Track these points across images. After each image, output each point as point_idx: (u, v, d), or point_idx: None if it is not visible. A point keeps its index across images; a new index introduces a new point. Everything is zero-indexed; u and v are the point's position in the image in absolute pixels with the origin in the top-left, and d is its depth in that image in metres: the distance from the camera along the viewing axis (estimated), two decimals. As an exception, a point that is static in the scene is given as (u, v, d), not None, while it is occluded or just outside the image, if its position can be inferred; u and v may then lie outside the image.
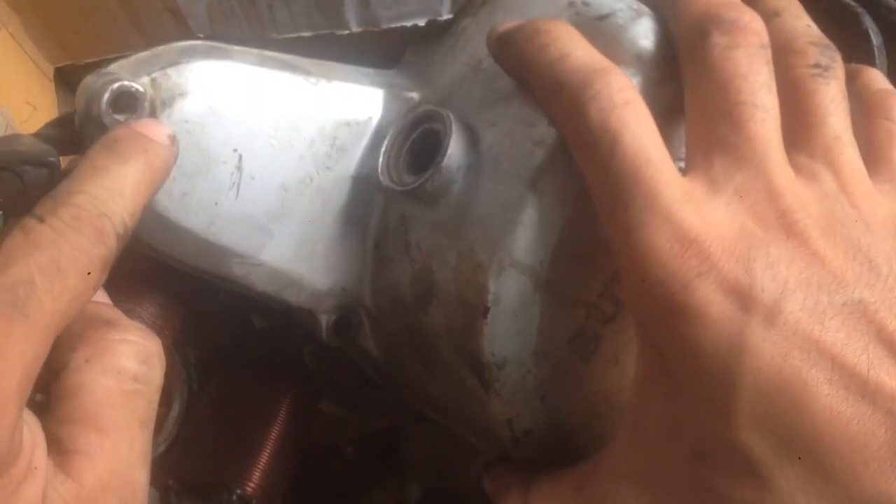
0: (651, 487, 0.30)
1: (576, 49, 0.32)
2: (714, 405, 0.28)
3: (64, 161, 0.32)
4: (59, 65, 0.49)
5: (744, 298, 0.27)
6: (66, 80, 0.50)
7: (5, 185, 0.30)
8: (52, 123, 0.33)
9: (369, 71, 0.41)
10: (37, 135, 0.32)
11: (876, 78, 0.35)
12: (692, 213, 0.29)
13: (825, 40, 0.33)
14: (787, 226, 0.29)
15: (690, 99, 0.32)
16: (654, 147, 0.30)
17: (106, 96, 0.31)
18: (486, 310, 0.33)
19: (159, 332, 0.41)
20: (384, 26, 0.40)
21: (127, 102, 0.32)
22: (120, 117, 0.32)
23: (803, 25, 0.34)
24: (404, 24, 0.40)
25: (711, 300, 0.28)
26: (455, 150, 0.35)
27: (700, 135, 0.31)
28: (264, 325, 0.50)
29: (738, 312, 0.27)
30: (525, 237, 0.33)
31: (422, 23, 0.40)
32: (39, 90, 0.50)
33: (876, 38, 0.39)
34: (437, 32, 0.41)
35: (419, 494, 0.59)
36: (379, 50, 0.42)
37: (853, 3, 0.40)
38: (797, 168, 0.31)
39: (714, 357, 0.27)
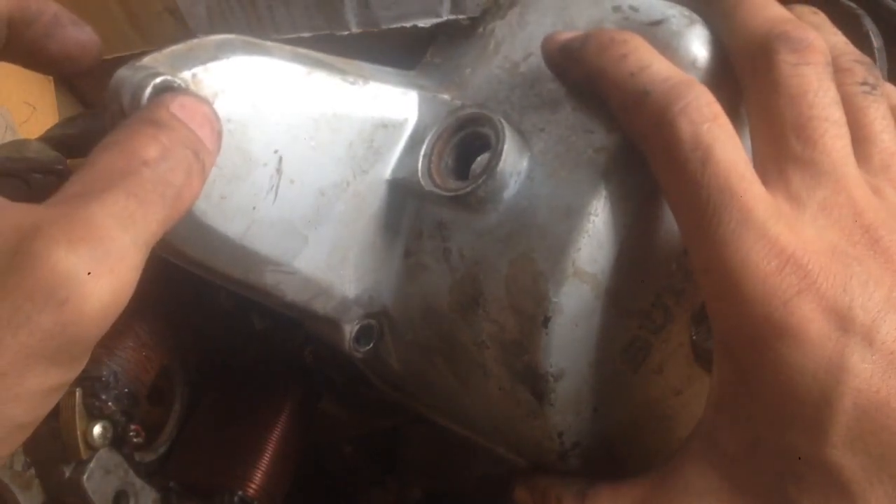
0: None
1: (654, 61, 0.32)
2: (806, 424, 0.28)
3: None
4: (58, 65, 0.49)
5: (843, 318, 0.27)
6: (66, 80, 0.50)
7: (13, 193, 0.30)
8: (60, 124, 0.33)
9: (393, 71, 0.40)
10: (45, 138, 0.32)
11: (891, 93, 0.35)
12: (786, 230, 0.29)
13: (866, 58, 0.33)
14: (872, 242, 0.29)
15: (757, 114, 0.32)
16: (744, 162, 0.30)
17: (148, 91, 0.28)
18: (547, 320, 0.32)
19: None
20: (384, 26, 0.40)
21: None
22: None
23: (842, 43, 0.34)
24: (404, 24, 0.40)
25: (811, 319, 0.27)
26: (510, 155, 0.34)
27: (771, 150, 0.31)
28: (264, 325, 0.50)
29: (836, 332, 0.27)
30: (589, 245, 0.32)
31: (422, 23, 0.40)
32: (39, 91, 0.50)
33: (877, 40, 0.39)
34: (459, 34, 0.41)
35: (419, 494, 0.59)
36: (379, 50, 0.41)
37: (854, 6, 0.40)
38: None
39: (811, 377, 0.27)
